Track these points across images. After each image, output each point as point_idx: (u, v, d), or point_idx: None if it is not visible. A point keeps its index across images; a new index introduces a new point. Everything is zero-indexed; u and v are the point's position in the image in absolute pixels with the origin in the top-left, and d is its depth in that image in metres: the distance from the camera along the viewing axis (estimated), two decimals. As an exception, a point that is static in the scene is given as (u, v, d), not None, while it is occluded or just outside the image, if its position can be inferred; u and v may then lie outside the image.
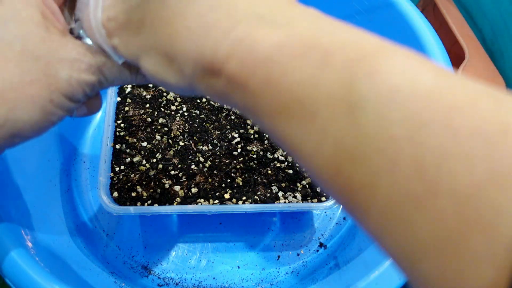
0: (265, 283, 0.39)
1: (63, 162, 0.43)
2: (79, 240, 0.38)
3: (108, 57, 0.21)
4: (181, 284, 0.39)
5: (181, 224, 0.42)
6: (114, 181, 0.38)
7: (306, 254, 0.41)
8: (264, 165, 0.39)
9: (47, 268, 0.30)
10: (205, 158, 0.40)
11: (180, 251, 0.41)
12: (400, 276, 0.29)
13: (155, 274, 0.39)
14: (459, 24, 0.44)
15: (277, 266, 0.40)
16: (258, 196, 0.38)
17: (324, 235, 0.42)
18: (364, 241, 0.37)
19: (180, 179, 0.39)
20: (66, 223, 0.39)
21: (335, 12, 0.48)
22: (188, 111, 0.42)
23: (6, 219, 0.31)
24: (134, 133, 0.41)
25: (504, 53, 0.43)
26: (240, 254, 0.41)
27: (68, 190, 0.43)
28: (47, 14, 0.21)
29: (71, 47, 0.21)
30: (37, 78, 0.20)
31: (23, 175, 0.36)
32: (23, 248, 0.30)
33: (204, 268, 0.40)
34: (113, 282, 0.36)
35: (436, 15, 0.47)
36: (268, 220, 0.42)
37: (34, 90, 0.20)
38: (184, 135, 0.41)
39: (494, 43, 0.44)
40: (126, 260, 0.40)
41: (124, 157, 0.39)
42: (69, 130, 0.44)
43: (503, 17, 0.43)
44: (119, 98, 0.42)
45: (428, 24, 0.38)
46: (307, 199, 0.38)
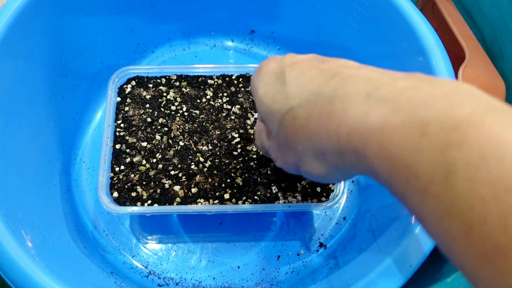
0: (265, 283, 0.39)
1: (63, 162, 0.43)
2: (79, 240, 0.38)
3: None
4: (181, 284, 0.39)
5: (181, 224, 0.42)
6: (114, 181, 0.38)
7: (306, 254, 0.41)
8: (264, 165, 0.39)
9: (47, 268, 0.30)
10: (205, 158, 0.40)
11: (180, 251, 0.41)
12: (400, 276, 0.29)
13: (155, 274, 0.39)
14: (459, 24, 0.44)
15: (277, 266, 0.40)
16: (258, 196, 0.38)
17: (324, 235, 0.42)
18: (364, 241, 0.37)
19: (180, 179, 0.39)
20: (66, 223, 0.39)
21: (335, 12, 0.48)
22: (188, 111, 0.42)
23: (6, 219, 0.31)
24: (134, 133, 0.41)
25: (504, 53, 0.43)
26: (240, 254, 0.41)
27: (68, 190, 0.43)
28: None
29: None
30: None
31: (23, 175, 0.36)
32: (23, 248, 0.30)
33: (204, 268, 0.40)
34: (113, 282, 0.36)
35: (435, 14, 0.47)
36: (268, 220, 0.42)
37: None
38: (184, 135, 0.41)
39: (494, 43, 0.44)
40: (126, 260, 0.40)
41: (124, 157, 0.39)
42: (69, 130, 0.44)
43: (503, 17, 0.43)
44: (119, 98, 0.42)
45: (428, 24, 0.38)
46: (307, 199, 0.38)
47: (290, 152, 0.25)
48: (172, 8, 0.49)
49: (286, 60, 0.26)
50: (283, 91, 0.24)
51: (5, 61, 0.36)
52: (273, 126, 0.26)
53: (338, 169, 0.23)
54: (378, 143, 0.18)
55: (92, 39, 0.45)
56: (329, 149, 0.21)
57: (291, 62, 0.25)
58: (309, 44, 0.50)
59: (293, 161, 0.25)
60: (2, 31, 0.35)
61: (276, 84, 0.25)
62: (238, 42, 0.53)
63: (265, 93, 0.26)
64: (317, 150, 0.23)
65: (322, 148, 0.22)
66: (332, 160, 0.22)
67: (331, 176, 0.24)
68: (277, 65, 0.26)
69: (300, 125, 0.23)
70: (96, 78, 0.47)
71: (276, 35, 0.52)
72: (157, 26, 0.50)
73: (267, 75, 0.26)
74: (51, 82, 0.42)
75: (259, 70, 0.27)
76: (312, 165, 0.24)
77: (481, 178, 0.15)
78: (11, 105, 0.36)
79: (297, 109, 0.23)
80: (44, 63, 0.41)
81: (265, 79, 0.26)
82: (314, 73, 0.23)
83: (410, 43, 0.38)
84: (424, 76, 0.19)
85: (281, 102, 0.24)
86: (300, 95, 0.23)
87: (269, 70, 0.26)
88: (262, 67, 0.27)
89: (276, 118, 0.25)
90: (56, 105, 0.42)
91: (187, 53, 0.52)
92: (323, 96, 0.22)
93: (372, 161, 0.19)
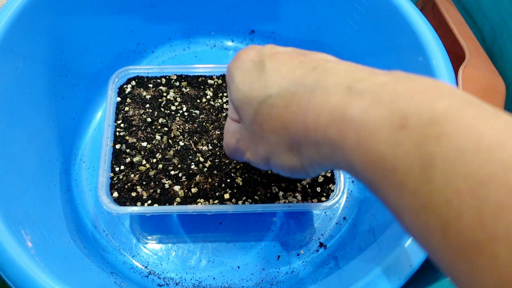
0: (265, 283, 0.39)
1: (63, 162, 0.43)
2: (79, 240, 0.38)
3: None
4: (181, 284, 0.39)
5: (181, 224, 0.42)
6: (114, 181, 0.38)
7: (306, 254, 0.41)
8: (264, 165, 0.40)
9: (47, 268, 0.30)
10: (205, 158, 0.40)
11: (180, 251, 0.41)
12: (400, 276, 0.29)
13: (155, 274, 0.39)
14: (459, 24, 0.44)
15: (277, 266, 0.40)
16: (258, 196, 0.38)
17: (324, 235, 0.42)
18: (364, 241, 0.37)
19: (180, 179, 0.39)
20: (66, 223, 0.39)
21: (335, 12, 0.48)
22: (188, 111, 0.42)
23: (6, 219, 0.31)
24: (134, 133, 0.41)
25: (504, 53, 0.43)
26: (240, 254, 0.41)
27: (68, 190, 0.43)
28: None
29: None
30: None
31: (23, 175, 0.36)
32: (23, 248, 0.30)
33: (204, 268, 0.40)
34: (113, 282, 0.36)
35: (435, 14, 0.47)
36: (268, 220, 0.42)
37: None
38: (184, 135, 0.41)
39: (494, 43, 0.44)
40: (126, 260, 0.40)
41: (124, 157, 0.39)
42: (69, 130, 0.44)
43: (503, 17, 0.43)
44: (119, 98, 0.42)
45: (428, 24, 0.38)
46: (307, 199, 0.38)
47: (262, 143, 0.25)
48: (172, 8, 0.49)
49: (266, 50, 0.25)
50: (262, 79, 0.24)
51: (5, 61, 0.36)
52: (247, 114, 0.25)
53: (312, 161, 0.22)
54: (356, 135, 0.18)
55: (92, 39, 0.45)
56: (305, 139, 0.21)
57: (272, 52, 0.25)
58: (309, 44, 0.50)
59: (264, 153, 0.25)
60: (2, 31, 0.35)
61: (255, 72, 0.25)
62: (238, 42, 0.53)
63: (242, 80, 0.25)
64: (292, 141, 0.22)
65: (298, 139, 0.22)
66: (307, 152, 0.22)
67: (303, 171, 0.23)
68: (256, 54, 0.26)
69: (277, 114, 0.23)
70: (96, 78, 0.47)
71: (276, 35, 0.52)
72: (157, 26, 0.50)
73: (245, 63, 0.26)
74: (51, 82, 0.42)
75: (237, 58, 0.27)
76: (284, 157, 0.24)
77: (458, 171, 0.15)
78: (11, 105, 0.36)
79: (276, 97, 0.23)
80: (44, 63, 0.41)
81: (243, 66, 0.25)
82: (295, 64, 0.23)
83: (410, 43, 0.38)
84: (403, 73, 0.19)
85: (259, 90, 0.24)
86: (280, 84, 0.23)
87: (248, 58, 0.26)
88: (240, 55, 0.26)
89: (252, 106, 0.24)
90: (56, 105, 0.42)
91: (187, 53, 0.52)
92: (303, 86, 0.22)
93: (349, 153, 0.19)
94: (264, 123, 0.23)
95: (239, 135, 0.27)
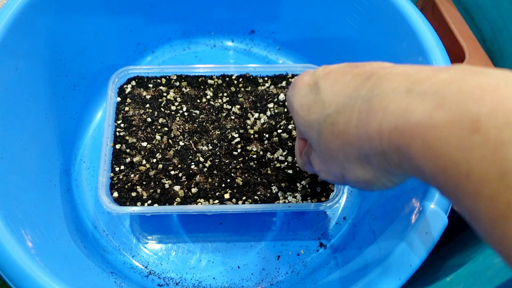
0: (265, 283, 0.39)
1: (63, 162, 0.43)
2: (79, 240, 0.38)
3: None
4: (181, 284, 0.39)
5: (181, 224, 0.42)
6: (114, 181, 0.38)
7: (306, 254, 0.41)
8: (264, 165, 0.40)
9: (47, 268, 0.30)
10: (205, 158, 0.40)
11: (180, 251, 0.41)
12: (400, 276, 0.29)
13: (155, 274, 0.39)
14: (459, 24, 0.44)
15: (277, 266, 0.40)
16: (258, 196, 0.38)
17: (324, 235, 0.42)
18: (364, 241, 0.37)
19: (180, 179, 0.39)
20: (66, 223, 0.39)
21: (335, 12, 0.48)
22: (188, 111, 0.42)
23: (6, 219, 0.31)
24: (134, 133, 0.41)
25: (504, 53, 0.43)
26: (240, 254, 0.41)
27: (68, 190, 0.43)
28: None
29: None
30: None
31: (23, 175, 0.36)
32: (23, 248, 0.30)
33: (204, 268, 0.40)
34: (113, 282, 0.36)
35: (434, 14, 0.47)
36: (268, 220, 0.42)
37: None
38: (184, 135, 0.41)
39: (494, 43, 0.44)
40: (126, 260, 0.40)
41: (124, 157, 0.39)
42: (69, 130, 0.44)
43: (503, 17, 0.43)
44: (119, 98, 0.42)
45: (428, 24, 0.38)
46: (307, 199, 0.38)
47: (332, 162, 0.24)
48: (172, 8, 0.49)
49: (319, 72, 0.26)
50: (319, 100, 0.24)
51: (5, 61, 0.36)
52: (312, 137, 0.25)
53: (384, 171, 0.22)
54: (422, 141, 0.17)
55: (92, 39, 0.45)
56: (371, 150, 0.21)
57: (324, 72, 0.25)
58: (309, 44, 0.50)
59: (337, 171, 0.25)
60: (2, 31, 0.35)
61: (311, 94, 0.25)
62: (238, 42, 0.53)
63: (300, 105, 0.25)
64: (359, 154, 0.22)
65: (364, 151, 0.21)
66: (377, 163, 0.21)
67: (378, 182, 0.23)
68: (310, 78, 0.26)
69: (339, 131, 0.22)
70: (96, 78, 0.47)
71: (276, 35, 0.52)
72: (157, 26, 0.50)
73: (301, 89, 0.26)
74: (51, 82, 0.42)
75: (293, 86, 0.27)
76: (357, 171, 0.23)
77: None
78: (11, 105, 0.36)
79: (335, 115, 0.23)
80: (44, 63, 0.41)
81: (300, 92, 0.26)
82: (349, 79, 0.23)
83: (410, 43, 0.38)
84: (467, 66, 0.18)
85: (318, 112, 0.24)
86: (336, 101, 0.23)
87: (303, 84, 0.26)
88: (296, 82, 0.27)
89: (314, 129, 0.24)
90: (56, 105, 0.42)
91: (187, 53, 0.52)
92: (360, 98, 0.21)
93: (417, 160, 0.18)
94: (329, 142, 0.23)
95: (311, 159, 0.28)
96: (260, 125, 0.42)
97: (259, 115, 0.42)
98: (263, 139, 0.41)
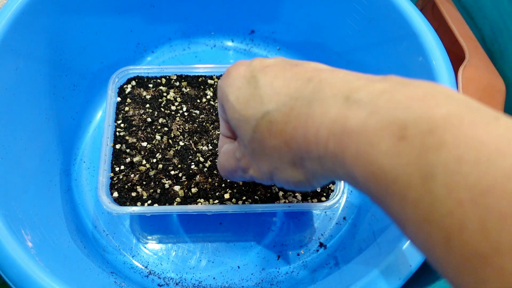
0: (265, 283, 0.39)
1: (63, 162, 0.43)
2: (79, 240, 0.38)
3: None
4: (181, 284, 0.39)
5: (181, 224, 0.42)
6: (114, 181, 0.38)
7: (306, 254, 0.41)
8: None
9: (47, 268, 0.30)
10: (205, 158, 0.40)
11: (180, 251, 0.41)
12: (400, 276, 0.30)
13: (155, 274, 0.39)
14: (459, 24, 0.44)
15: (277, 266, 0.40)
16: (258, 196, 0.38)
17: (324, 235, 0.42)
18: (364, 241, 0.37)
19: (180, 179, 0.39)
20: (66, 223, 0.39)
21: (335, 12, 0.48)
22: (188, 111, 0.42)
23: (6, 219, 0.31)
24: (134, 133, 0.41)
25: (504, 53, 0.43)
26: (240, 254, 0.41)
27: (68, 190, 0.43)
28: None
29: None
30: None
31: (23, 175, 0.36)
32: (23, 248, 0.30)
33: (204, 268, 0.40)
34: (113, 282, 0.36)
35: (434, 14, 0.47)
36: (268, 220, 0.42)
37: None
38: (184, 135, 0.41)
39: (494, 43, 0.44)
40: (126, 260, 0.40)
41: (124, 157, 0.39)
42: (69, 130, 0.44)
43: (503, 17, 0.43)
44: (119, 98, 0.42)
45: (428, 24, 0.38)
46: (307, 199, 0.38)
47: (264, 160, 0.24)
48: (172, 8, 0.49)
49: (255, 64, 0.25)
50: (257, 95, 0.23)
51: (6, 60, 0.36)
52: (246, 133, 0.24)
53: (316, 175, 0.22)
54: (356, 148, 0.18)
55: (92, 39, 0.45)
56: (307, 154, 0.21)
57: (262, 65, 0.25)
58: (309, 44, 0.50)
59: (268, 170, 0.24)
60: (2, 31, 0.36)
61: (249, 88, 0.24)
62: (238, 42, 0.53)
63: (236, 98, 0.24)
64: (294, 156, 0.22)
65: (300, 153, 0.21)
66: (311, 166, 0.21)
67: (307, 183, 0.23)
68: (246, 69, 0.25)
69: (277, 130, 0.22)
70: (96, 78, 0.47)
71: (276, 35, 0.52)
72: (157, 26, 0.50)
73: (237, 80, 0.25)
74: (51, 82, 0.42)
75: (227, 75, 0.26)
76: (288, 172, 0.23)
77: (459, 182, 0.15)
78: (11, 105, 0.36)
79: (274, 113, 0.22)
80: (44, 62, 0.41)
81: (235, 83, 0.25)
82: (289, 76, 0.23)
83: (410, 43, 0.38)
84: (399, 78, 0.19)
85: (255, 107, 0.23)
86: (276, 99, 0.22)
87: (239, 75, 0.25)
88: (231, 71, 0.26)
89: (249, 124, 0.24)
90: (56, 105, 0.42)
91: (187, 53, 0.52)
92: (300, 100, 0.21)
93: (350, 166, 0.19)
94: (265, 140, 0.23)
95: (239, 154, 0.26)
96: (260, 125, 0.42)
97: (259, 115, 0.42)
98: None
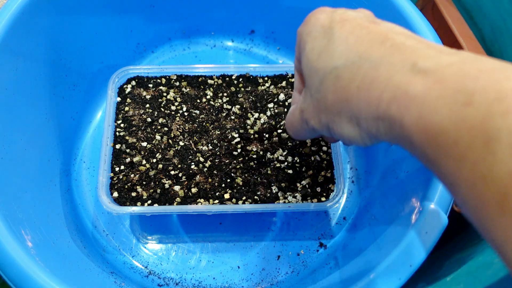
0: (265, 283, 0.39)
1: (63, 162, 0.43)
2: (79, 240, 0.38)
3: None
4: (181, 284, 0.39)
5: (181, 224, 0.42)
6: (114, 181, 0.38)
7: (306, 254, 0.41)
8: (264, 165, 0.40)
9: (47, 268, 0.30)
10: (205, 158, 0.40)
11: (180, 251, 0.41)
12: (400, 276, 0.29)
13: (155, 274, 0.39)
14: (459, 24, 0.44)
15: (277, 266, 0.40)
16: (258, 196, 0.38)
17: (324, 235, 0.42)
18: (364, 241, 0.37)
19: (180, 179, 0.39)
20: (66, 223, 0.39)
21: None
22: (188, 111, 0.42)
23: (6, 219, 0.31)
24: (134, 133, 0.41)
25: (504, 53, 0.43)
26: (240, 254, 0.41)
27: (68, 190, 0.43)
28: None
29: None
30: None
31: (23, 175, 0.36)
32: (23, 248, 0.30)
33: (204, 268, 0.40)
34: (113, 282, 0.36)
35: (434, 14, 0.47)
36: (268, 220, 0.42)
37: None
38: (184, 135, 0.41)
39: (494, 43, 0.44)
40: (126, 260, 0.40)
41: (124, 157, 0.39)
42: (69, 130, 0.44)
43: (503, 17, 0.43)
44: (119, 98, 0.42)
45: (428, 24, 0.38)
46: (307, 199, 0.38)
47: (324, 112, 0.25)
48: (172, 8, 0.49)
49: (336, 15, 0.25)
50: (330, 49, 0.24)
51: (5, 60, 0.36)
52: (313, 83, 0.25)
53: (369, 134, 0.23)
54: (417, 112, 0.19)
55: (92, 39, 0.45)
56: (366, 114, 0.22)
57: (342, 18, 0.25)
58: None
59: (326, 121, 0.25)
60: (2, 31, 0.36)
61: (323, 40, 0.25)
62: (238, 42, 0.53)
63: (311, 48, 0.25)
64: (352, 114, 0.23)
65: (358, 112, 0.22)
66: (367, 126, 0.22)
67: (361, 141, 0.24)
68: (326, 18, 0.26)
69: (341, 86, 0.23)
70: (96, 78, 0.47)
71: (276, 35, 0.52)
72: (157, 26, 0.50)
73: (315, 28, 0.26)
74: (51, 82, 0.42)
75: (307, 21, 0.27)
76: (344, 127, 0.24)
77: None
78: (11, 105, 0.36)
79: (341, 69, 0.23)
80: (44, 62, 0.41)
81: (313, 32, 0.26)
82: (364, 34, 0.23)
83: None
84: (470, 54, 0.19)
85: (326, 61, 0.24)
86: (346, 56, 0.23)
87: (318, 23, 0.26)
88: (311, 18, 0.27)
89: (318, 76, 0.25)
90: (56, 105, 0.42)
91: (187, 53, 0.52)
92: (369, 61, 0.22)
93: (408, 129, 0.19)
94: (329, 93, 0.24)
95: (304, 105, 0.27)
96: (260, 125, 0.42)
97: (259, 115, 0.42)
98: (263, 139, 0.41)
